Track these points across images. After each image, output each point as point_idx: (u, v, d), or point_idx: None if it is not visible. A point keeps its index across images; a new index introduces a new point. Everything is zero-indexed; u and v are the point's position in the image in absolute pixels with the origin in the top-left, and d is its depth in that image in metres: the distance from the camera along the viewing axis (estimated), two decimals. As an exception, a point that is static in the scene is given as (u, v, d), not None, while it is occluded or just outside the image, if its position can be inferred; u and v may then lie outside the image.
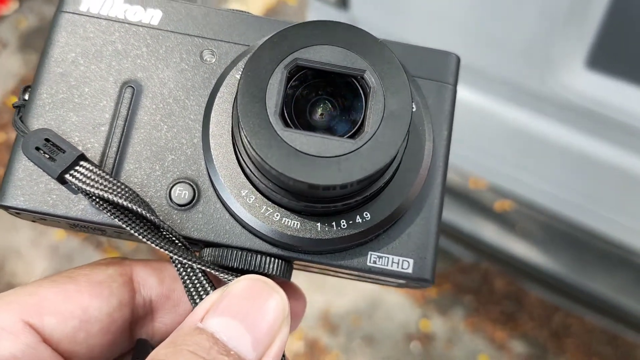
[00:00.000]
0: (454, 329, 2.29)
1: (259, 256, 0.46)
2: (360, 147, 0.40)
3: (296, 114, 0.43)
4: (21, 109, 0.48)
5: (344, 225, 0.45)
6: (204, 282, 0.44)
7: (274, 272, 0.46)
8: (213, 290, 0.44)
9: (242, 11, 0.50)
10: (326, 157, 0.39)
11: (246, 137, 0.40)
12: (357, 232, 0.45)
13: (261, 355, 0.40)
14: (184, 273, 0.45)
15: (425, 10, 1.12)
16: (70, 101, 0.48)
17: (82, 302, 0.44)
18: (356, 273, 0.48)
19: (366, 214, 0.45)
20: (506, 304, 2.31)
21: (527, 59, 1.32)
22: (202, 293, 0.44)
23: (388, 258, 0.47)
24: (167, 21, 0.50)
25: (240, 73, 0.42)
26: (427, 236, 0.47)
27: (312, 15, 1.39)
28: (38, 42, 2.75)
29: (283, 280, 0.47)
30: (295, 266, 0.50)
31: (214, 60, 0.49)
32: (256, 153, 0.39)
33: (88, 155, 0.46)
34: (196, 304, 0.44)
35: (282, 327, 0.41)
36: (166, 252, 0.43)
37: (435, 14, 1.08)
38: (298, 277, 0.53)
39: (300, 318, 0.53)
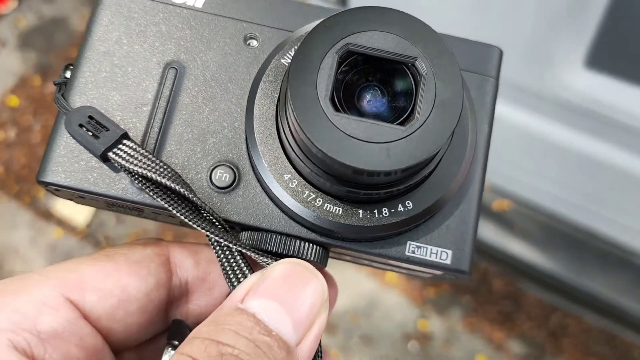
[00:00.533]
0: (452, 329, 2.29)
1: (297, 241, 0.46)
2: (410, 134, 0.40)
3: (345, 98, 0.43)
4: (62, 87, 0.48)
5: (385, 213, 0.45)
6: (242, 264, 0.45)
7: (311, 258, 0.46)
8: (251, 273, 0.45)
9: None
10: (375, 142, 0.39)
11: (296, 119, 0.40)
12: (399, 221, 0.45)
13: (301, 337, 0.40)
14: (221, 255, 0.45)
15: (423, 11, 1.12)
16: (113, 80, 0.48)
17: (121, 281, 0.45)
18: (394, 262, 0.48)
19: (408, 203, 0.45)
20: (504, 304, 2.31)
21: (526, 59, 1.32)
22: (239, 275, 0.45)
23: (427, 248, 0.47)
24: (211, 4, 0.50)
25: (292, 56, 0.42)
26: (466, 228, 0.47)
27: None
28: (37, 40, 2.75)
29: (319, 267, 0.47)
30: (330, 254, 0.50)
31: (257, 44, 0.49)
32: (305, 135, 0.40)
33: (130, 134, 0.46)
34: (234, 286, 0.45)
35: (321, 312, 0.42)
36: (206, 232, 0.44)
37: (432, 14, 1.08)
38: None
39: (333, 305, 0.53)
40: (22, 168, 2.47)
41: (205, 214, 0.45)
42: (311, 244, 0.46)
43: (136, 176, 0.44)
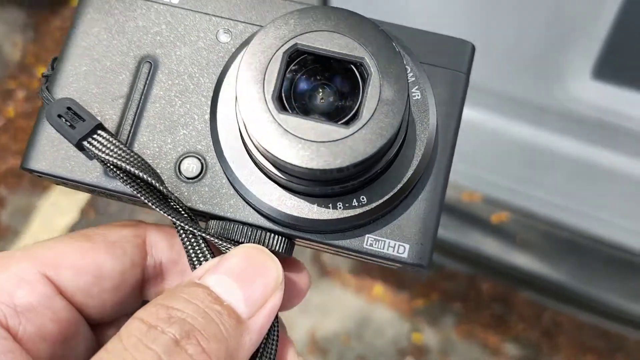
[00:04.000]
0: (447, 339, 2.25)
1: (259, 231, 0.48)
2: (353, 133, 0.40)
3: (295, 98, 0.44)
4: (49, 79, 0.51)
5: (340, 207, 0.46)
6: (205, 250, 0.47)
7: (275, 248, 0.48)
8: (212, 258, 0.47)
9: None
10: (318, 141, 0.40)
11: (242, 118, 0.42)
12: (352, 215, 0.46)
13: (253, 312, 0.42)
14: (186, 240, 0.47)
15: (426, 22, 1.04)
16: (93, 73, 0.50)
17: (97, 259, 0.47)
18: (353, 254, 0.50)
19: (363, 198, 0.46)
20: (495, 307, 2.29)
21: (533, 72, 1.27)
22: (202, 259, 0.47)
23: (385, 242, 0.48)
24: (187, 0, 0.52)
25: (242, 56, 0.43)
26: (425, 223, 0.48)
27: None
28: None
29: (284, 256, 0.50)
30: (297, 243, 0.51)
31: (229, 39, 0.51)
32: (250, 134, 0.42)
33: (106, 125, 0.49)
34: (196, 268, 0.47)
35: (276, 292, 0.44)
36: (171, 219, 0.46)
37: (437, 28, 1.00)
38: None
39: (305, 292, 0.55)
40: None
41: (172, 203, 0.47)
42: (273, 234, 0.48)
43: (107, 164, 0.47)
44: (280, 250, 0.48)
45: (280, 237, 0.48)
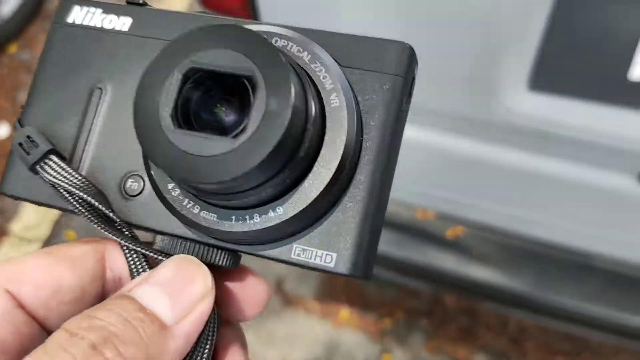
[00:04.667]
0: (417, 357, 2.23)
1: (196, 245, 0.49)
2: (238, 146, 0.41)
3: (194, 115, 0.45)
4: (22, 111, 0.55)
5: (256, 219, 0.46)
6: (145, 265, 0.49)
7: (216, 262, 0.49)
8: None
9: (207, 12, 0.51)
10: (204, 156, 0.41)
11: (138, 135, 0.43)
12: (270, 226, 0.46)
13: (179, 318, 0.44)
14: (129, 257, 0.50)
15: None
16: (56, 103, 0.54)
17: (57, 274, 0.49)
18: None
19: (279, 209, 0.46)
20: (461, 319, 2.29)
21: (470, 89, 1.28)
22: (141, 272, 0.49)
23: (312, 251, 0.47)
24: (136, 27, 0.54)
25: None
26: (355, 231, 0.47)
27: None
28: None
29: (231, 267, 0.50)
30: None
31: None
32: (145, 151, 0.43)
33: (61, 150, 0.52)
34: None
35: (205, 299, 0.45)
36: (113, 237, 0.49)
37: None
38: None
39: (263, 302, 0.54)
40: None
41: (116, 223, 0.50)
42: (211, 248, 0.49)
43: (57, 188, 0.50)
44: (221, 264, 0.49)
45: (218, 251, 0.49)
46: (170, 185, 0.48)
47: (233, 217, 0.46)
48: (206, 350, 0.47)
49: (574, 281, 1.54)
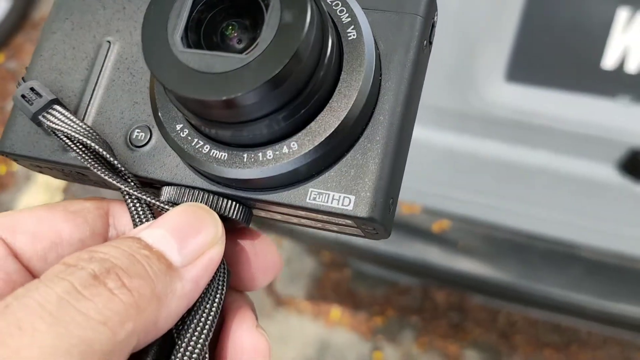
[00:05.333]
0: (407, 354, 2.25)
1: (206, 194, 0.46)
2: (249, 62, 0.39)
3: (205, 37, 0.43)
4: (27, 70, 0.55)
5: (269, 156, 0.43)
6: (149, 215, 0.47)
7: (227, 213, 0.46)
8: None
9: None
10: (214, 73, 0.39)
11: (145, 58, 0.41)
12: (284, 163, 0.43)
13: (187, 262, 0.41)
14: (132, 206, 0.47)
15: None
16: (59, 56, 0.53)
17: (55, 226, 0.47)
18: (301, 213, 0.47)
19: (293, 144, 0.43)
20: (451, 315, 2.31)
21: (448, 82, 1.31)
22: (144, 222, 0.47)
23: (328, 194, 0.45)
24: None
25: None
26: (374, 173, 0.44)
27: None
28: None
29: (240, 224, 0.48)
30: (256, 212, 0.50)
31: None
32: (151, 71, 0.41)
33: (66, 103, 0.52)
34: None
35: (215, 246, 0.43)
36: (118, 185, 0.46)
37: None
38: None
39: (275, 269, 0.53)
40: None
41: (120, 173, 0.48)
42: (223, 198, 0.47)
43: (60, 136, 0.48)
44: (232, 216, 0.47)
45: (229, 202, 0.47)
46: (179, 126, 0.46)
47: (245, 156, 0.44)
48: (215, 302, 0.45)
49: (557, 270, 1.57)
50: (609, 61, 1.18)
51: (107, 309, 0.35)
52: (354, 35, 0.45)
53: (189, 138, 0.46)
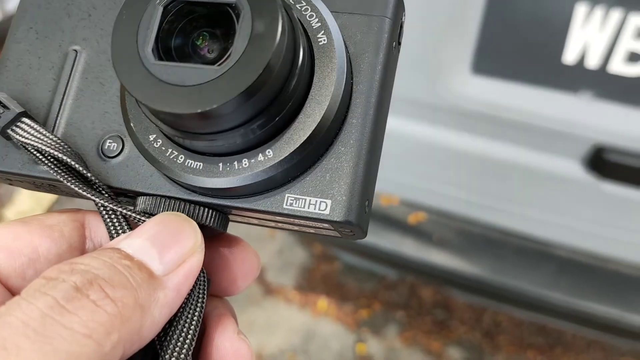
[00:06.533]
0: (390, 347, 2.27)
1: (182, 203, 0.46)
2: (222, 74, 0.39)
3: (177, 48, 0.43)
4: None
5: (245, 165, 0.44)
6: (125, 226, 0.46)
7: (203, 221, 0.46)
8: None
9: None
10: (187, 85, 0.39)
11: (117, 73, 0.41)
12: (260, 171, 0.43)
13: (168, 271, 0.41)
14: (107, 219, 0.46)
15: None
16: (25, 66, 0.52)
17: (32, 242, 0.46)
18: (278, 218, 0.47)
19: (268, 152, 0.43)
20: (436, 312, 2.32)
21: (415, 72, 1.33)
22: (121, 233, 0.46)
23: (305, 200, 0.45)
24: None
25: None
26: (349, 177, 0.44)
27: None
28: None
29: (217, 231, 0.48)
30: (232, 218, 0.50)
31: None
32: (124, 87, 0.41)
33: (34, 115, 0.50)
34: None
35: (195, 254, 0.43)
36: (91, 197, 0.46)
37: None
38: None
39: (253, 274, 0.53)
40: None
41: (94, 185, 0.47)
42: (197, 206, 0.46)
43: (30, 150, 0.47)
44: (208, 223, 0.47)
45: (205, 210, 0.46)
46: (152, 137, 0.46)
47: (220, 164, 0.44)
48: (197, 311, 0.45)
49: (530, 268, 1.58)
50: (569, 56, 1.19)
51: (91, 321, 0.35)
52: (324, 40, 0.45)
53: (163, 148, 0.45)
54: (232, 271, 0.52)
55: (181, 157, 0.45)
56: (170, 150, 0.45)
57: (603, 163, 1.30)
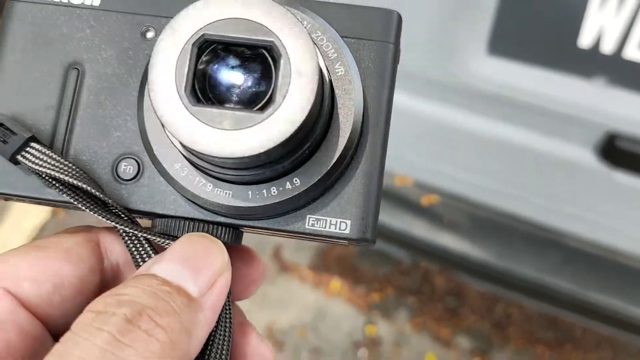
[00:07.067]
0: (400, 332, 2.29)
1: (202, 224, 0.48)
2: (269, 117, 0.40)
3: (211, 89, 0.44)
4: None
5: (274, 192, 0.46)
6: (149, 249, 0.47)
7: (221, 239, 0.47)
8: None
9: None
10: (234, 129, 0.40)
11: (159, 117, 0.41)
12: (288, 198, 0.46)
13: (204, 292, 0.42)
14: (129, 243, 0.47)
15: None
16: (24, 87, 0.50)
17: (55, 267, 0.46)
18: (300, 236, 0.50)
19: (296, 180, 0.46)
20: (448, 300, 2.33)
21: (430, 51, 1.35)
22: (146, 259, 0.47)
23: (326, 220, 0.47)
24: (108, 1, 0.51)
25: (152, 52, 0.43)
26: (365, 197, 0.47)
27: None
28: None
29: (233, 245, 0.50)
30: (245, 230, 0.51)
31: (153, 36, 0.50)
32: (168, 131, 0.42)
33: (40, 136, 0.49)
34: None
35: (224, 272, 0.44)
36: (112, 223, 0.46)
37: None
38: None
39: (259, 281, 0.55)
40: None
41: (111, 207, 0.47)
42: (217, 226, 0.48)
43: (44, 177, 0.47)
44: (227, 240, 0.48)
45: (224, 228, 0.48)
46: (178, 165, 0.47)
47: (249, 192, 0.46)
48: (227, 324, 0.47)
49: (536, 254, 1.58)
50: (585, 40, 1.19)
51: (146, 351, 0.36)
52: (342, 71, 0.47)
53: (190, 177, 0.47)
54: (245, 279, 0.54)
55: (209, 186, 0.47)
56: (197, 178, 0.47)
57: (615, 151, 1.30)
